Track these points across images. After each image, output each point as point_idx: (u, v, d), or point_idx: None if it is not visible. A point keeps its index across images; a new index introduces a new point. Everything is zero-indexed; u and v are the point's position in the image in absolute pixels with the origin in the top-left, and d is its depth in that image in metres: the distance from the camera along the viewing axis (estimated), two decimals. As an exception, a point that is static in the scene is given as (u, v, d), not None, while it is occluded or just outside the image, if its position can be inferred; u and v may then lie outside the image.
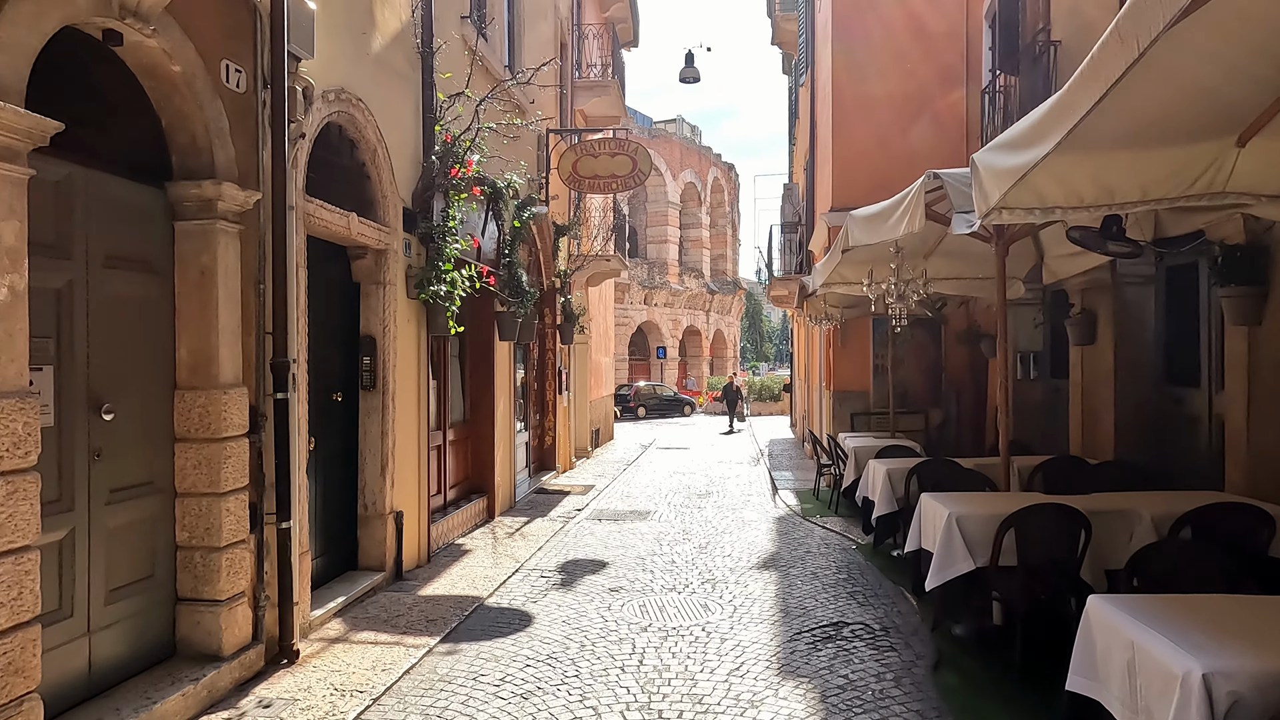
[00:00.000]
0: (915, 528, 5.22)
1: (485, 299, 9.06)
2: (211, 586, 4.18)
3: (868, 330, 11.01)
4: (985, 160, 3.15)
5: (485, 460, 9.10)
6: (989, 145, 3.15)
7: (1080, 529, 4.15)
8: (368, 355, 6.26)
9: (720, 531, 8.57)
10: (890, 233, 4.80)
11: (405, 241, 6.58)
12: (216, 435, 4.17)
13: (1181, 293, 6.29)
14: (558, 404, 12.88)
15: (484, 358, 9.14)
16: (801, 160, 17.35)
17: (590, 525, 8.98)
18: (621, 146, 11.33)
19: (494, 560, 7.23)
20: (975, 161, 3.22)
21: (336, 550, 6.11)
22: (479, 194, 7.01)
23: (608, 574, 6.82)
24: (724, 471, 13.81)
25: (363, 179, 6.14)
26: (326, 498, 5.95)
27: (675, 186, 38.17)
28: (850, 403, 10.99)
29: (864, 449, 8.81)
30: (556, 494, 11.08)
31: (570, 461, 13.80)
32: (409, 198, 6.65)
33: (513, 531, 8.50)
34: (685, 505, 10.30)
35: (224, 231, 4.25)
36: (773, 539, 8.16)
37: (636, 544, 7.98)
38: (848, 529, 8.39)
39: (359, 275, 6.26)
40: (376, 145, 6.05)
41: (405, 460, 6.61)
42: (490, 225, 8.79)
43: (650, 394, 32.14)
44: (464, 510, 8.35)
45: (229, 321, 4.29)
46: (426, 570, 6.80)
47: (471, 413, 9.09)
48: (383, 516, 6.26)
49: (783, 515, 9.48)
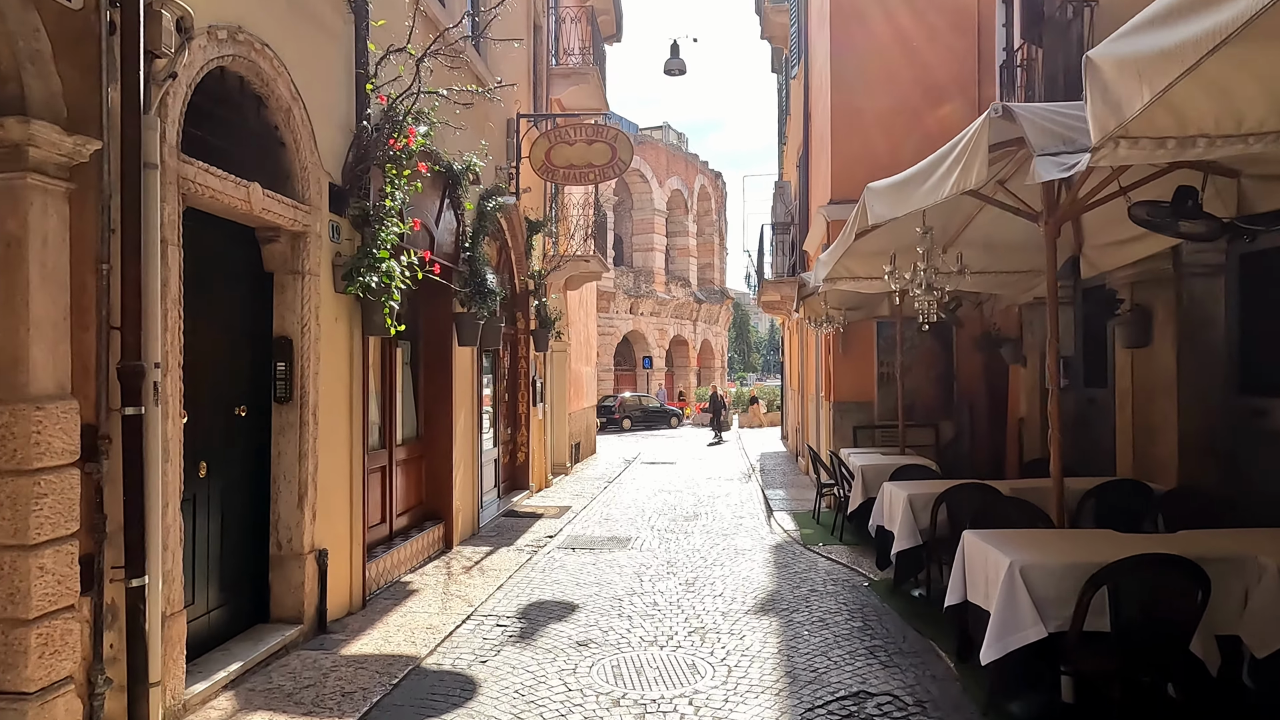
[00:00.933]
0: (958, 575, 4.14)
1: (442, 299, 7.97)
2: (15, 674, 3.05)
3: (871, 335, 9.97)
4: (1114, 52, 2.08)
5: (441, 482, 7.98)
6: (1110, 38, 2.10)
7: (1197, 588, 3.09)
8: (282, 360, 5.15)
9: (710, 563, 7.48)
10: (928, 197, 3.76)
11: (332, 224, 5.49)
12: (23, 466, 3.05)
13: (1259, 283, 5.28)
14: (531, 417, 11.77)
15: (441, 365, 8.03)
16: (794, 158, 16.37)
17: (562, 556, 7.86)
18: (599, 133, 10.30)
19: (443, 604, 6.10)
20: (1093, 59, 2.17)
21: (240, 600, 4.98)
22: (425, 171, 5.93)
23: (577, 621, 5.71)
24: (713, 489, 12.72)
25: (275, 146, 5.04)
26: (227, 536, 4.83)
27: (661, 194, 37.23)
28: (852, 415, 9.94)
29: (873, 468, 7.75)
30: (528, 517, 9.95)
31: (546, 479, 12.68)
32: (338, 172, 5.56)
33: (471, 565, 7.37)
34: (670, 530, 9.20)
35: (41, 189, 3.15)
36: (771, 573, 7.07)
37: (613, 579, 6.88)
38: (857, 560, 7.31)
39: (271, 263, 5.15)
40: (291, 104, 4.96)
41: (332, 486, 5.50)
42: (447, 214, 7.71)
43: (636, 405, 31.04)
44: (415, 541, 7.22)
45: (47, 311, 3.18)
46: (359, 619, 5.67)
47: (426, 428, 7.97)
48: (300, 556, 5.13)
49: (780, 542, 8.40)
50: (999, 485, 5.75)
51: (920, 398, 9.86)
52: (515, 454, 11.62)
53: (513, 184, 10.24)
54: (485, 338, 8.82)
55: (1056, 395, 4.65)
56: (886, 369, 9.91)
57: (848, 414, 9.98)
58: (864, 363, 9.98)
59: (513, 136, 10.31)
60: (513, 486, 11.47)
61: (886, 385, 9.92)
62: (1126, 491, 5.36)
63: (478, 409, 9.11)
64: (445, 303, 7.98)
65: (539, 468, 12.20)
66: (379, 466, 6.85)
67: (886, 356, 9.90)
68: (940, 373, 10.04)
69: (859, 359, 9.98)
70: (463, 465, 8.39)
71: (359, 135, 5.66)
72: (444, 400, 8.01)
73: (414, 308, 7.84)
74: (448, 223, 7.72)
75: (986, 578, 3.74)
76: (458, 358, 8.21)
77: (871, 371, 9.98)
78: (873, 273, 6.94)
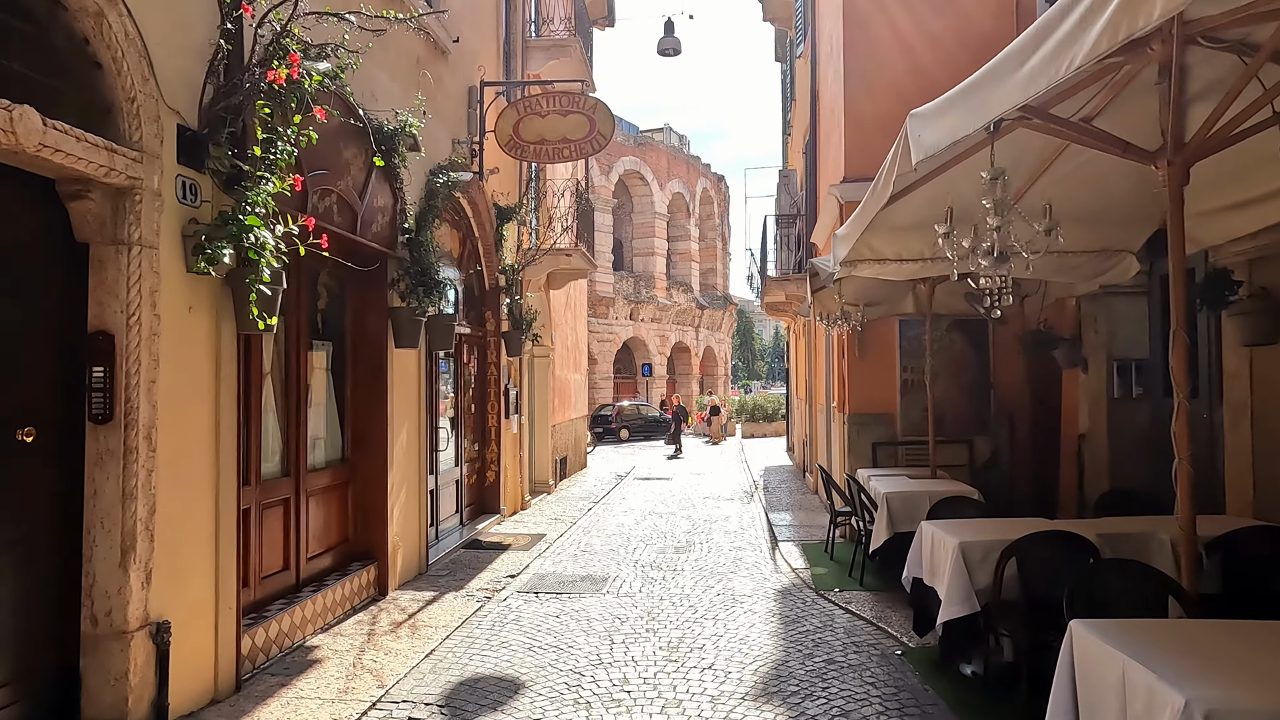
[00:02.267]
0: (1063, 693, 2.67)
1: (374, 291, 6.57)
2: None
3: (893, 335, 8.53)
4: None
5: (373, 514, 6.54)
6: None
7: None
8: (100, 365, 3.73)
9: (701, 615, 6.04)
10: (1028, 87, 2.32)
11: (183, 181, 4.08)
12: None
13: None
14: (503, 430, 10.34)
15: (374, 372, 6.61)
16: (799, 144, 14.96)
17: (520, 604, 6.42)
18: (575, 103, 8.89)
19: (346, 682, 4.66)
20: None
21: (35, 700, 3.56)
22: (323, 117, 4.53)
23: (516, 713, 4.27)
24: (710, 511, 11.26)
25: (84, 66, 3.64)
26: (16, 610, 3.42)
27: (662, 197, 35.85)
28: (871, 429, 8.48)
29: (900, 497, 6.32)
30: (492, 549, 8.51)
31: (523, 500, 11.23)
32: (192, 111, 4.15)
33: (403, 619, 5.93)
34: (657, 565, 7.76)
35: None
36: (776, 632, 5.61)
37: (578, 641, 5.44)
38: (885, 615, 5.85)
39: (84, 230, 3.74)
40: (105, 8, 3.56)
41: (182, 535, 4.07)
42: (378, 187, 6.30)
43: (634, 414, 29.55)
44: (332, 590, 5.79)
45: None
46: (224, 710, 4.23)
47: (355, 449, 6.54)
48: (125, 635, 3.71)
49: (788, 585, 6.94)
50: (1077, 528, 4.31)
51: (950, 409, 8.40)
52: (484, 473, 10.18)
53: (476, 163, 8.85)
54: (434, 338, 7.42)
55: (1186, 410, 3.19)
56: (911, 375, 8.46)
57: (865, 428, 8.52)
58: (884, 368, 8.53)
59: (475, 107, 8.92)
60: (481, 510, 10.03)
61: (911, 394, 8.47)
62: (1265, 540, 3.90)
63: (428, 423, 7.69)
64: (378, 295, 6.57)
65: (512, 488, 10.76)
66: (278, 500, 5.42)
67: (912, 360, 8.45)
68: (973, 379, 8.58)
69: (878, 364, 8.53)
70: (405, 491, 6.97)
71: (225, 62, 4.24)
72: (378, 414, 6.58)
73: (338, 301, 6.44)
74: (379, 198, 6.31)
75: (1134, 709, 2.29)
76: (397, 362, 6.80)
77: (893, 378, 8.53)
78: (902, 252, 5.53)
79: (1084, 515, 6.35)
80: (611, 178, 33.03)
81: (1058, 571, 3.83)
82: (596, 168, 31.35)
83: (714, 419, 27.37)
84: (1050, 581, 3.84)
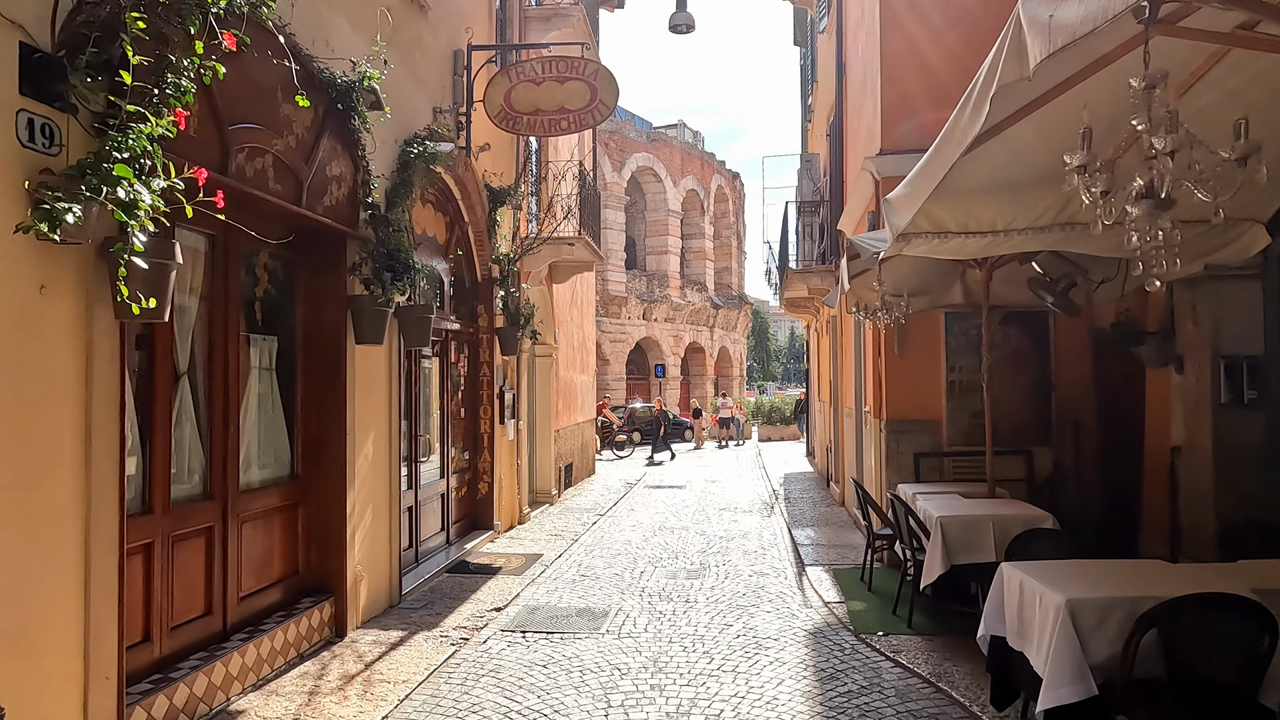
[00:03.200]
0: None
1: (330, 277, 5.56)
2: None
3: (938, 330, 7.42)
4: None
5: (331, 540, 5.52)
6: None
7: None
8: (-104, 359, 2.72)
9: (717, 666, 4.98)
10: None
11: (28, 118, 3.06)
12: None
13: None
14: (498, 437, 9.32)
15: (330, 373, 5.59)
16: (822, 126, 13.87)
17: (502, 648, 5.38)
18: (574, 68, 7.86)
19: (264, 770, 3.64)
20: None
21: None
22: (235, 47, 3.54)
23: (475, 820, 3.24)
24: (726, 526, 10.18)
25: None
26: None
27: (676, 194, 34.78)
28: (913, 438, 7.38)
29: (959, 523, 5.25)
30: (479, 573, 7.49)
31: (520, 513, 10.21)
32: (43, 26, 3.14)
33: (356, 671, 4.90)
34: (666, 594, 6.71)
35: None
36: (810, 694, 4.54)
37: (565, 704, 4.40)
38: (944, 671, 4.76)
39: (-128, 175, 2.74)
40: None
41: (29, 586, 3.07)
42: (333, 151, 5.28)
43: (647, 416, 28.43)
44: (270, 637, 4.77)
45: None
46: (91, 816, 3.22)
47: (306, 463, 5.52)
48: (-71, 731, 2.70)
49: (820, 625, 5.86)
50: (1224, 578, 3.22)
51: (1004, 415, 7.28)
52: (475, 484, 9.17)
53: (462, 136, 7.84)
54: (408, 333, 6.42)
55: None
56: (959, 376, 7.36)
57: (906, 436, 7.42)
58: (928, 368, 7.42)
59: (462, 74, 7.91)
60: (473, 525, 9.02)
61: (959, 398, 7.36)
62: None
63: (403, 431, 6.68)
64: (335, 282, 5.56)
65: (508, 501, 9.74)
66: (197, 529, 4.41)
67: (960, 359, 7.35)
68: (1031, 381, 7.47)
69: (921, 363, 7.43)
70: (370, 512, 5.95)
71: (92, -34, 3.23)
72: (335, 422, 5.56)
73: (284, 289, 5.44)
74: (334, 166, 5.30)
75: None
76: (361, 361, 5.78)
77: (938, 380, 7.42)
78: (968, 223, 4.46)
79: (1191, 548, 5.24)
80: (624, 174, 32.01)
81: (1218, 643, 2.75)
82: (608, 163, 30.38)
83: (695, 422, 26.96)
84: (1207, 657, 2.77)
